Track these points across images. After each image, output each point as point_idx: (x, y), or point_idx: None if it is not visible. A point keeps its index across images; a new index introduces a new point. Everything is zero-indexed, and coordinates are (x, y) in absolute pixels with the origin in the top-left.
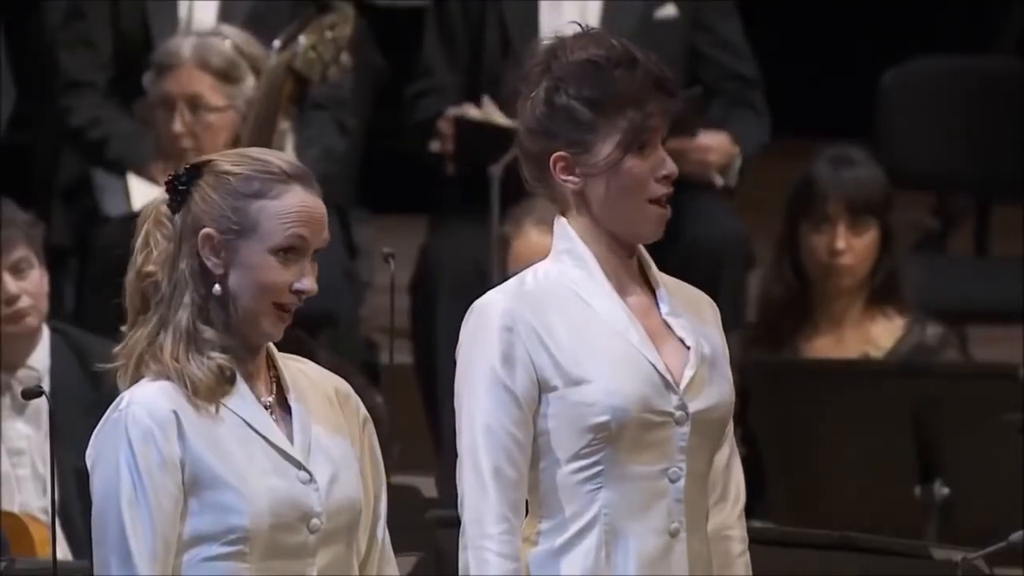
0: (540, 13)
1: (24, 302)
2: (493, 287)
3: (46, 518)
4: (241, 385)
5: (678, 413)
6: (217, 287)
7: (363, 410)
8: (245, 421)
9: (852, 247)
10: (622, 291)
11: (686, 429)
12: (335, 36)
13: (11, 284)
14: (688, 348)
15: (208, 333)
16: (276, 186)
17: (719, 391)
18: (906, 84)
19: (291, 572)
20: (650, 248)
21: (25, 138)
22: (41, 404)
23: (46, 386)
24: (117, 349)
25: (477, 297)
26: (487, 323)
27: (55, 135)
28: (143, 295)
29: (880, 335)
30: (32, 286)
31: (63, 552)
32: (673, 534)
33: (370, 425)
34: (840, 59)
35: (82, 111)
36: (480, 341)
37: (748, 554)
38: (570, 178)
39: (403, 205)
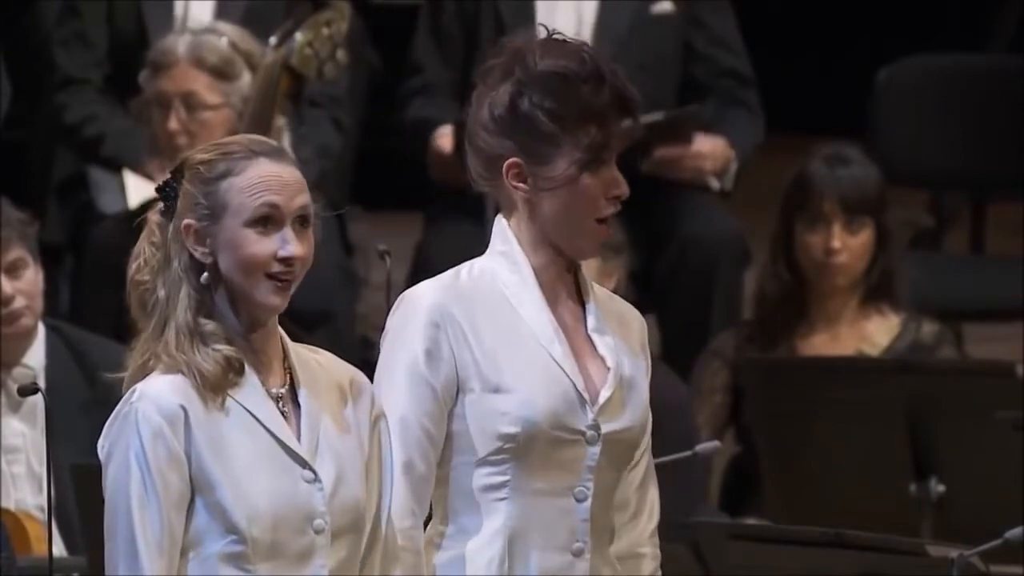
0: (536, 10)
1: (19, 303)
2: None
3: (42, 515)
4: (251, 376)
5: (590, 433)
6: (205, 275)
7: (378, 406)
8: (252, 415)
9: (847, 246)
10: (554, 303)
11: (597, 449)
12: (331, 33)
13: (6, 285)
14: (609, 368)
15: (210, 326)
16: (239, 163)
17: (634, 413)
18: (901, 82)
19: (300, 573)
20: (647, 246)
21: (20, 135)
22: (37, 402)
23: (42, 383)
24: (126, 359)
25: None
26: (415, 316)
27: (50, 132)
28: (141, 303)
29: (876, 332)
30: (27, 286)
31: (59, 549)
32: (577, 553)
33: (383, 422)
34: (835, 57)
35: (77, 108)
36: (406, 333)
37: (660, 572)
38: (521, 185)
39: (399, 202)
